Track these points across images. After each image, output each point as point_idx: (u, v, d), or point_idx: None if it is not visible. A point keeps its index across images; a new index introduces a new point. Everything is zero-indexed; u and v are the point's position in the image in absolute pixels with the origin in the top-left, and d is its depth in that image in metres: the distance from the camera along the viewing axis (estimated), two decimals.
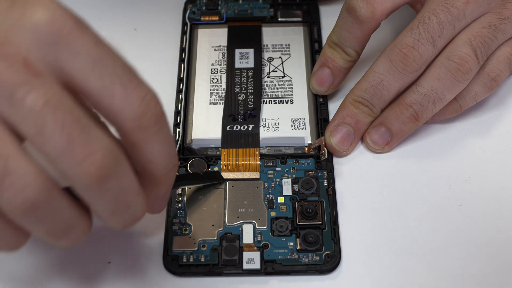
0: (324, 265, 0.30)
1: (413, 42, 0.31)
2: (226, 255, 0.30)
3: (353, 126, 0.33)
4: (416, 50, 0.31)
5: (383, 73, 0.32)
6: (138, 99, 0.23)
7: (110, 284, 0.30)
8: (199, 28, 0.39)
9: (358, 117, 0.33)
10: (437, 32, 0.31)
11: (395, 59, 0.32)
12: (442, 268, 0.30)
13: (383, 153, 0.34)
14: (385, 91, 0.32)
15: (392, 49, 0.32)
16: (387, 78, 0.32)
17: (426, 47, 0.31)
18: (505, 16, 0.32)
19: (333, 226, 0.31)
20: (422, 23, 0.31)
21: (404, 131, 0.33)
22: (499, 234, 0.31)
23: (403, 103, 0.32)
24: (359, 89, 0.33)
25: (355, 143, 0.34)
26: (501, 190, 0.33)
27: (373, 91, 0.32)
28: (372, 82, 0.32)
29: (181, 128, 0.34)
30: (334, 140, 0.33)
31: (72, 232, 0.24)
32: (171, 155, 0.25)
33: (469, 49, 0.31)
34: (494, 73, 0.33)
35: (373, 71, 0.32)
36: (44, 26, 0.22)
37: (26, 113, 0.21)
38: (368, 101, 0.33)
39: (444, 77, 0.31)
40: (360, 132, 0.34)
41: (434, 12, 0.31)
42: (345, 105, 0.34)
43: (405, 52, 0.31)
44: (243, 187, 0.32)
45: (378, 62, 0.32)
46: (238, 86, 0.35)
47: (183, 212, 0.31)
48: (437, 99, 0.32)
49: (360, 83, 0.33)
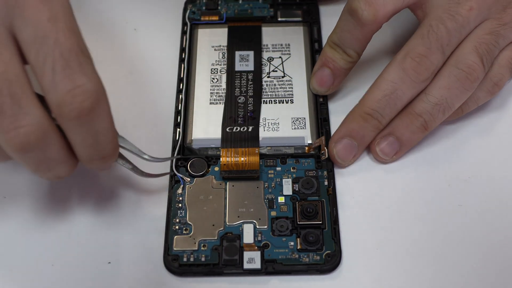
0: (324, 265, 0.30)
1: (425, 50, 0.31)
2: (227, 255, 0.30)
3: (358, 140, 0.33)
4: (428, 58, 0.31)
5: (397, 82, 0.32)
6: (64, 89, 0.24)
7: (111, 284, 0.30)
8: (199, 28, 0.39)
9: (365, 132, 0.33)
10: (446, 40, 0.31)
11: (408, 67, 0.31)
12: (442, 267, 0.30)
13: (391, 163, 0.34)
14: (398, 100, 0.32)
15: (404, 58, 0.32)
16: (401, 87, 0.32)
17: (437, 55, 0.31)
18: (505, 21, 0.32)
19: (333, 226, 0.31)
20: (431, 32, 0.31)
21: (413, 141, 0.33)
22: (499, 234, 0.31)
23: (413, 112, 0.32)
24: (372, 99, 0.32)
25: (358, 155, 0.34)
26: (501, 190, 0.33)
27: (387, 100, 0.32)
28: (385, 91, 0.32)
29: (181, 128, 0.34)
30: (337, 152, 0.33)
31: (58, 168, 0.27)
32: (95, 148, 0.26)
33: (476, 57, 0.31)
34: (497, 77, 0.33)
35: (385, 80, 0.32)
36: None
37: None
38: (379, 113, 0.32)
39: (453, 86, 0.31)
40: (364, 146, 0.33)
41: (441, 21, 0.31)
42: (354, 117, 0.33)
43: (418, 61, 0.31)
44: (244, 187, 0.32)
45: (390, 70, 0.32)
46: (238, 89, 0.35)
47: (184, 212, 0.31)
48: (446, 108, 0.32)
49: (371, 92, 0.33)
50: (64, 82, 0.24)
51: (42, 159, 0.26)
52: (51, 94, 0.24)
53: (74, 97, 0.24)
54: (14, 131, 0.24)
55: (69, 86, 0.24)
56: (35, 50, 0.24)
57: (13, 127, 0.24)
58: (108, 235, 0.31)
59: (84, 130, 0.25)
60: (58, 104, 0.24)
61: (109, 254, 0.31)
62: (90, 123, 0.25)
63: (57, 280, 0.30)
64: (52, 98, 0.24)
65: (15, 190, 0.33)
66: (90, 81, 0.25)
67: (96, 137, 0.26)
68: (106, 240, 0.31)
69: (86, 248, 0.31)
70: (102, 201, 0.33)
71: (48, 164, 0.26)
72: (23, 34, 0.24)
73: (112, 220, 0.32)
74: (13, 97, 0.24)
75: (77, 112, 0.24)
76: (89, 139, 0.26)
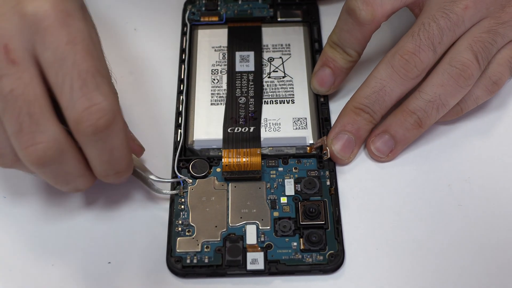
0: (328, 265, 0.30)
1: (414, 48, 0.31)
2: (230, 256, 0.30)
3: (354, 133, 0.33)
4: (417, 56, 0.31)
5: (385, 79, 0.32)
6: (82, 107, 0.25)
7: (114, 285, 0.30)
8: (199, 28, 0.39)
9: (359, 124, 0.33)
10: (437, 38, 0.31)
11: (397, 65, 0.32)
12: (443, 267, 0.30)
13: (387, 161, 0.34)
14: (387, 97, 0.32)
15: (393, 55, 0.32)
16: (389, 84, 0.32)
17: (427, 53, 0.31)
18: (503, 20, 0.32)
19: (336, 226, 0.31)
20: (422, 30, 0.31)
21: (408, 138, 0.33)
22: (499, 234, 0.31)
23: (407, 109, 0.32)
24: (361, 95, 0.33)
25: (356, 150, 0.34)
26: (501, 190, 0.33)
27: (375, 97, 0.32)
28: (374, 88, 0.32)
29: (183, 129, 0.34)
30: (336, 148, 0.33)
31: (77, 181, 0.28)
32: (110, 163, 0.28)
33: (471, 54, 0.31)
34: (496, 76, 0.33)
35: (374, 77, 0.32)
36: (30, 15, 0.25)
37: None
38: (370, 108, 0.33)
39: (447, 83, 0.31)
40: (361, 140, 0.34)
41: (434, 18, 0.31)
42: (346, 112, 0.33)
43: (407, 58, 0.31)
44: (246, 188, 0.32)
45: (380, 68, 0.32)
46: (239, 90, 0.35)
47: (186, 214, 0.31)
48: (440, 105, 0.32)
49: (361, 89, 0.33)
50: (81, 101, 0.25)
51: (60, 173, 0.27)
52: (69, 111, 0.26)
53: (91, 114, 0.26)
54: (32, 147, 0.26)
55: (86, 104, 0.26)
56: (55, 71, 0.25)
57: (31, 143, 0.25)
58: (111, 236, 0.31)
59: (99, 146, 0.27)
60: (76, 121, 0.26)
61: (113, 255, 0.31)
62: (106, 140, 0.27)
63: (58, 280, 0.30)
64: (70, 115, 0.26)
65: (15, 190, 0.33)
66: (106, 100, 0.26)
67: (111, 153, 0.27)
68: (110, 241, 0.31)
69: (86, 248, 0.31)
70: (104, 201, 0.32)
71: (66, 178, 0.28)
72: (44, 57, 0.26)
73: (115, 222, 0.32)
74: (31, 116, 0.25)
75: (93, 128, 0.26)
76: (104, 155, 0.27)
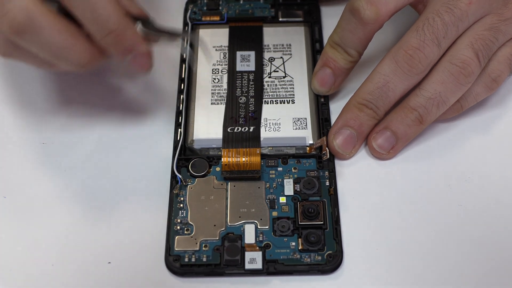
0: (326, 265, 0.30)
1: (418, 43, 0.31)
2: (228, 255, 0.30)
3: (356, 129, 0.33)
4: (421, 51, 0.31)
5: (388, 74, 0.32)
6: None
7: (112, 284, 0.30)
8: (200, 28, 0.39)
9: (362, 120, 0.33)
10: (442, 33, 0.31)
11: (401, 60, 0.32)
12: (443, 267, 0.30)
13: (388, 159, 0.34)
14: (391, 92, 0.32)
15: (397, 51, 0.32)
16: (392, 80, 0.32)
17: (432, 48, 0.31)
18: (506, 17, 0.32)
19: (335, 226, 0.31)
20: (426, 24, 0.31)
21: (409, 135, 0.33)
22: (499, 234, 0.31)
23: (408, 106, 0.32)
24: (364, 91, 0.33)
25: (358, 146, 0.34)
26: (501, 190, 0.33)
27: (379, 93, 0.32)
28: (377, 83, 0.32)
29: (183, 129, 0.34)
30: (337, 142, 0.33)
31: (73, 54, 0.29)
32: (98, 22, 0.28)
33: (471, 52, 0.31)
34: (495, 73, 0.33)
35: (378, 73, 0.32)
36: None
37: None
38: (373, 104, 0.33)
39: (447, 81, 0.31)
40: (363, 135, 0.34)
41: (438, 13, 0.31)
42: (349, 107, 0.33)
43: (411, 54, 0.31)
44: (245, 187, 0.32)
45: (384, 63, 0.32)
46: (239, 89, 0.35)
47: (185, 212, 0.31)
48: (441, 102, 0.32)
49: (365, 84, 0.33)
50: None
51: (45, 44, 0.28)
52: None
53: None
54: (4, 17, 0.27)
55: None
56: None
57: (2, 14, 0.27)
58: (111, 236, 0.31)
59: (81, 3, 0.27)
60: None
61: (110, 254, 0.31)
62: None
63: (58, 280, 0.30)
64: None
65: (15, 190, 0.33)
66: None
67: (94, 10, 0.28)
68: (108, 240, 0.31)
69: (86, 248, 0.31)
70: (104, 201, 0.33)
71: (56, 51, 0.28)
72: None
73: (113, 220, 0.32)
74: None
75: None
76: (87, 12, 0.28)
